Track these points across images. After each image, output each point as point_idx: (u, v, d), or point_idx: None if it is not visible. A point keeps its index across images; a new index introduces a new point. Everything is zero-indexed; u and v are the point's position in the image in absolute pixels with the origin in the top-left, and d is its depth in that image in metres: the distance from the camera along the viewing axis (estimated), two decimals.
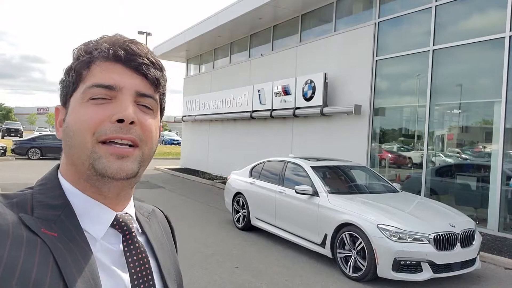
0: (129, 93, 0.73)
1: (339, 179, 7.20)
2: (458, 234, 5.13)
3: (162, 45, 20.15)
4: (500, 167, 7.66)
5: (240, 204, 7.94)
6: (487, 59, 8.15)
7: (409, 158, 9.94)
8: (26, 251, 0.63)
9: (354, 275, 5.28)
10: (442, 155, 9.23)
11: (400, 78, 9.97)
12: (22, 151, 19.88)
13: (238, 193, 8.06)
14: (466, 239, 5.22)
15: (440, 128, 9.20)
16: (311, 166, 6.73)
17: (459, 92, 8.70)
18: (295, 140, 12.43)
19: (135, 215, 0.83)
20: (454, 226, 5.19)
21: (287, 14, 13.15)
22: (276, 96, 12.71)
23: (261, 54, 14.81)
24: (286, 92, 12.30)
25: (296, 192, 6.35)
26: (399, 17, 9.72)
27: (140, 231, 0.83)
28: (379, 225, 5.09)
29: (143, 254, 0.77)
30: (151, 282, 0.76)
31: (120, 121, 0.71)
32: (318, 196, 6.10)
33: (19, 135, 39.78)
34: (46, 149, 20.10)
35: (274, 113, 12.85)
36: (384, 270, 4.96)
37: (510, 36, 7.47)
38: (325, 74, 10.88)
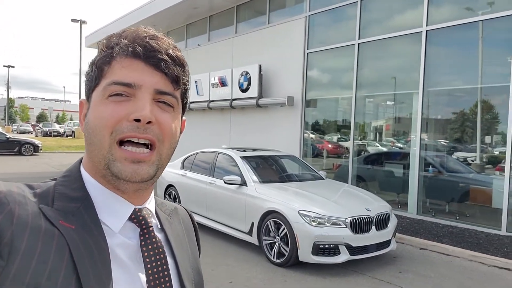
0: (148, 91, 0.72)
1: (270, 168, 7.35)
2: (373, 217, 5.44)
3: (95, 33, 19.30)
4: (418, 155, 8.21)
5: (172, 196, 7.87)
6: (407, 52, 8.67)
7: (339, 147, 10.37)
8: (43, 242, 0.63)
9: (278, 260, 5.45)
10: (367, 144, 9.72)
11: (330, 70, 10.34)
12: None
13: (170, 186, 7.98)
14: (381, 222, 5.56)
15: (365, 119, 9.67)
16: (240, 157, 6.81)
17: (383, 84, 9.19)
18: (233, 131, 12.50)
19: (156, 211, 0.83)
20: (370, 210, 5.51)
21: (222, 4, 13.10)
22: (214, 87, 12.68)
23: (198, 44, 14.67)
24: (223, 83, 12.30)
25: (225, 182, 6.41)
26: (328, 11, 10.04)
27: (159, 228, 0.82)
28: (300, 211, 5.29)
29: (160, 250, 0.76)
30: (167, 279, 0.75)
31: (138, 120, 0.70)
32: (246, 186, 6.20)
33: None
34: None
35: (211, 104, 12.82)
36: (305, 254, 5.17)
37: (426, 31, 7.99)
38: (260, 66, 11.01)
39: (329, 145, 10.64)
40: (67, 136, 39.88)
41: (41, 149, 20.82)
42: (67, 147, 25.97)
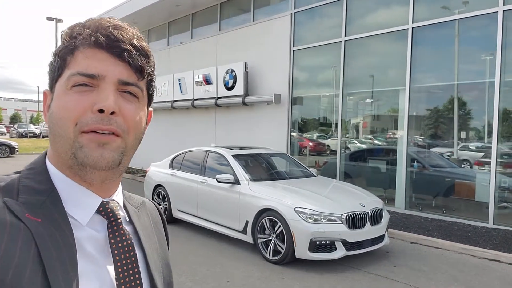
0: (111, 81, 0.71)
1: (260, 166, 7.31)
2: (368, 213, 5.48)
3: None
4: (405, 151, 8.33)
5: (161, 196, 7.74)
6: (393, 50, 8.78)
7: (326, 145, 10.43)
8: (9, 236, 0.62)
9: (274, 258, 5.42)
10: (355, 141, 9.81)
11: (316, 68, 10.38)
12: None
13: (158, 186, 7.84)
14: (375, 217, 5.61)
15: (352, 116, 9.75)
16: (232, 155, 6.75)
17: (370, 81, 9.28)
18: (219, 130, 12.40)
19: (124, 204, 0.82)
20: (364, 206, 5.54)
21: (205, 1, 12.98)
22: (198, 86, 12.54)
23: (181, 42, 14.49)
24: (207, 81, 12.18)
25: (218, 181, 6.34)
26: (314, 8, 10.06)
27: (128, 220, 0.81)
28: (296, 209, 5.27)
29: (129, 242, 0.75)
30: (136, 270, 0.75)
31: (101, 111, 0.69)
32: (239, 184, 6.14)
33: None
34: None
35: (196, 102, 12.68)
36: (302, 251, 5.16)
37: (412, 28, 8.10)
38: (245, 63, 10.95)
39: (316, 143, 10.68)
40: (43, 137, 38.88)
41: (17, 151, 20.20)
42: (44, 148, 25.15)
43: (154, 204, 0.97)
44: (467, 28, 7.67)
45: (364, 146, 9.72)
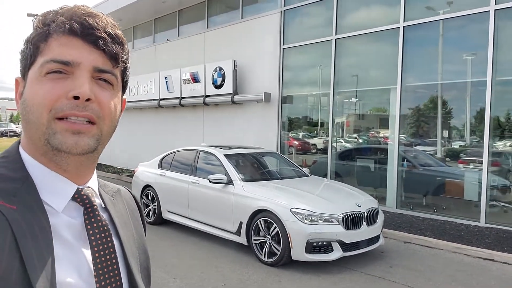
0: (86, 68, 0.71)
1: (252, 166, 7.19)
2: (364, 213, 5.41)
3: None
4: (396, 150, 8.31)
5: (150, 197, 7.54)
6: (384, 48, 8.75)
7: (316, 144, 10.36)
8: None
9: (270, 260, 5.30)
10: (345, 141, 9.77)
11: (307, 66, 10.28)
12: None
13: (147, 186, 7.63)
14: (371, 218, 5.54)
15: (343, 115, 9.70)
16: (224, 155, 6.60)
17: (361, 80, 9.24)
18: (207, 129, 12.21)
19: (99, 192, 0.82)
20: (360, 206, 5.47)
21: None
22: (185, 84, 12.32)
23: (167, 40, 14.23)
24: (195, 79, 11.98)
25: (210, 182, 6.18)
26: (304, 6, 9.96)
27: (103, 207, 0.81)
28: (292, 209, 5.16)
29: (105, 228, 0.76)
30: (113, 256, 0.75)
31: (76, 98, 0.69)
32: (233, 184, 6.00)
33: None
34: None
35: (183, 101, 12.46)
36: (298, 252, 5.05)
37: (404, 27, 8.08)
38: (234, 61, 10.80)
39: (307, 142, 10.61)
40: None
41: None
42: None
43: (130, 191, 0.97)
44: (457, 27, 7.68)
45: (355, 145, 9.68)
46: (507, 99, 7.21)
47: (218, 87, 11.21)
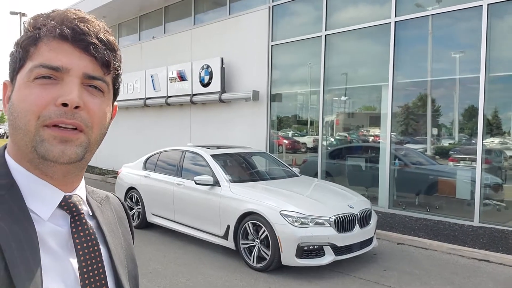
0: (76, 75, 0.69)
1: (240, 166, 6.94)
2: (357, 214, 5.20)
3: None
4: (388, 148, 8.12)
5: (134, 200, 7.24)
6: (376, 44, 8.55)
7: (306, 143, 10.14)
8: None
9: (259, 265, 5.06)
10: (336, 139, 9.56)
11: (296, 63, 10.05)
12: None
13: (131, 188, 7.33)
14: (364, 219, 5.33)
15: (333, 113, 9.49)
16: (211, 155, 6.34)
17: (351, 77, 9.02)
18: (194, 128, 11.92)
19: (87, 199, 0.81)
20: (353, 207, 5.25)
21: None
22: (172, 82, 12.01)
23: (153, 37, 13.89)
24: (182, 77, 11.67)
25: (196, 183, 5.90)
26: (293, 1, 9.73)
27: (91, 215, 0.79)
28: (281, 212, 4.92)
29: (92, 236, 0.74)
30: (100, 265, 0.73)
31: (65, 105, 0.68)
32: (220, 186, 5.75)
33: None
34: None
35: (170, 100, 12.16)
36: (288, 257, 4.82)
37: (395, 22, 7.88)
38: (222, 59, 10.53)
39: (296, 141, 10.39)
40: (7, 137, 37.21)
41: None
42: None
43: (119, 198, 0.95)
44: (450, 22, 7.52)
45: (345, 144, 9.48)
46: (501, 96, 7.06)
47: (205, 85, 10.92)
